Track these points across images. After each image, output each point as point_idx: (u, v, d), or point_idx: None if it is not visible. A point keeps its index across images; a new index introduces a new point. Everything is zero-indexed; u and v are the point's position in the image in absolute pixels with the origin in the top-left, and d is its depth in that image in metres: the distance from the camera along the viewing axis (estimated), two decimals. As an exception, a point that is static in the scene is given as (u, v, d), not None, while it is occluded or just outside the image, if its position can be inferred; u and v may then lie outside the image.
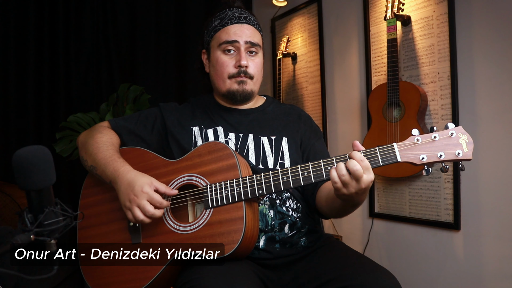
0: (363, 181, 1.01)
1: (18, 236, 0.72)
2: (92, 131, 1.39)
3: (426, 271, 2.15)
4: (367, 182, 1.02)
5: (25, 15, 2.84)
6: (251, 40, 1.35)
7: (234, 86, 1.36)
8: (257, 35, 1.39)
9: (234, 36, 1.34)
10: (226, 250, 1.11)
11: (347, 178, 1.01)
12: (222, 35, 1.36)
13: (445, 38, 2.02)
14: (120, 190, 1.21)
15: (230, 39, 1.34)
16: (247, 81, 1.36)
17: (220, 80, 1.37)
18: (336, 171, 1.02)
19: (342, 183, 1.02)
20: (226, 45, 1.34)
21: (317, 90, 2.82)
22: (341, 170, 1.01)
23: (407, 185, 2.23)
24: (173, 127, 1.40)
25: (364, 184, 1.01)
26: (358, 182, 1.01)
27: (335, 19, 2.70)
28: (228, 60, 1.35)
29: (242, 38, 1.34)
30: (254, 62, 1.37)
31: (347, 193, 1.03)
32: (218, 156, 1.20)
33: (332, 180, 1.03)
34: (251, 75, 1.36)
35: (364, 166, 1.01)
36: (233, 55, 1.35)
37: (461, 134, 1.01)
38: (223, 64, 1.35)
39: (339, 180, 1.02)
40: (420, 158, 1.02)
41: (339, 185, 1.02)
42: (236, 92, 1.36)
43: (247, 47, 1.35)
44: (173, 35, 3.25)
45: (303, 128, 1.41)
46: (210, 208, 1.17)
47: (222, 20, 1.37)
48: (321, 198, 1.27)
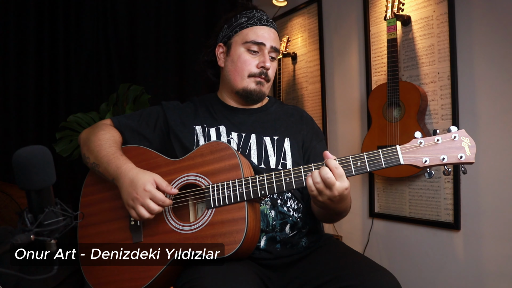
0: (336, 188, 1.03)
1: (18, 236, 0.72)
2: (95, 129, 1.39)
3: (426, 271, 2.15)
4: (341, 189, 1.04)
5: (25, 15, 2.84)
6: (276, 46, 1.39)
7: (251, 85, 1.37)
8: (279, 42, 1.44)
9: (262, 39, 1.36)
10: (227, 250, 1.11)
11: (321, 186, 1.03)
12: (249, 34, 1.37)
13: (445, 38, 2.02)
14: (122, 188, 1.21)
15: (258, 40, 1.36)
16: (265, 83, 1.39)
17: (238, 76, 1.38)
18: (312, 179, 1.04)
19: (317, 191, 1.04)
20: (253, 45, 1.36)
21: (317, 90, 2.82)
22: (316, 177, 1.03)
23: (407, 185, 2.23)
24: (175, 125, 1.40)
25: (337, 192, 1.03)
26: (331, 189, 1.03)
27: (335, 19, 2.70)
28: (251, 59, 1.37)
29: (269, 42, 1.37)
30: (272, 67, 1.41)
31: (322, 200, 1.06)
32: (221, 156, 1.20)
33: (308, 188, 1.06)
34: (269, 78, 1.40)
35: (338, 174, 1.03)
36: (256, 56, 1.38)
37: (464, 138, 1.01)
38: (246, 61, 1.37)
39: (314, 188, 1.04)
40: (423, 161, 1.02)
41: (315, 192, 1.05)
42: (254, 91, 1.38)
43: (270, 52, 1.38)
44: (173, 35, 3.25)
45: (305, 129, 1.42)
46: (212, 208, 1.17)
47: (250, 19, 1.39)
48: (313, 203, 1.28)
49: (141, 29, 3.16)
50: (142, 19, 3.17)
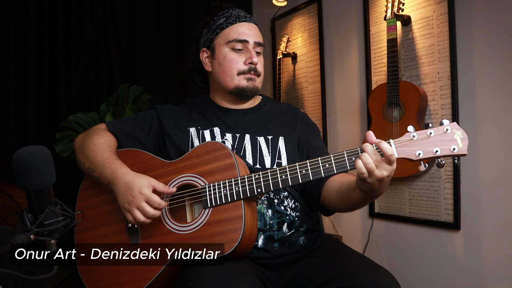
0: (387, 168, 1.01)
1: (18, 236, 0.72)
2: (89, 134, 1.39)
3: (426, 271, 2.15)
4: (391, 169, 1.02)
5: (25, 15, 2.84)
6: (259, 40, 1.40)
7: (243, 83, 1.37)
8: (261, 36, 1.43)
9: (244, 36, 1.37)
10: (225, 249, 1.11)
11: (372, 166, 1.00)
12: (231, 33, 1.37)
13: (445, 38, 2.02)
14: (118, 192, 1.21)
15: (240, 37, 1.36)
16: (256, 78, 1.39)
17: (227, 76, 1.38)
18: (361, 160, 1.01)
19: (368, 172, 1.01)
20: (236, 43, 1.36)
21: (317, 90, 2.82)
22: (366, 158, 1.01)
23: (407, 185, 2.23)
24: (170, 128, 1.40)
25: (387, 172, 1.01)
26: (380, 169, 1.01)
27: (335, 19, 2.70)
28: (238, 57, 1.37)
29: (252, 38, 1.37)
30: (260, 61, 1.41)
31: (370, 181, 1.02)
32: (216, 156, 1.20)
33: (359, 170, 1.01)
34: (259, 72, 1.40)
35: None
36: (241, 53, 1.38)
37: (456, 130, 1.03)
38: (233, 60, 1.37)
39: (365, 169, 1.00)
40: (416, 154, 1.03)
41: (365, 174, 1.01)
42: (246, 88, 1.37)
43: (255, 47, 1.38)
44: (173, 35, 3.25)
45: (299, 126, 1.41)
46: (209, 207, 1.17)
47: (228, 18, 1.39)
48: (331, 192, 1.25)
49: (141, 29, 3.16)
50: (142, 19, 3.17)
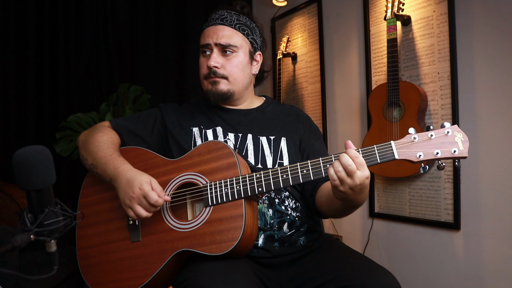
0: (357, 177, 1.02)
1: (18, 236, 0.72)
2: (93, 131, 1.40)
3: (426, 271, 2.15)
4: (362, 178, 1.02)
5: (25, 14, 2.84)
6: (220, 42, 1.33)
7: (208, 87, 1.37)
8: (235, 36, 1.35)
9: (205, 40, 1.37)
10: (225, 247, 1.11)
11: (343, 175, 1.02)
12: (201, 39, 1.39)
13: (445, 38, 2.02)
14: (119, 188, 1.22)
15: (204, 42, 1.37)
16: (219, 81, 1.35)
17: (200, 81, 1.41)
18: (333, 168, 1.03)
19: (339, 180, 1.03)
20: (202, 48, 1.38)
21: (317, 90, 2.82)
22: (337, 166, 1.03)
23: (407, 185, 2.23)
24: (173, 127, 1.41)
25: (358, 180, 1.02)
26: (352, 178, 1.02)
27: (335, 19, 2.70)
28: (203, 62, 1.38)
29: (213, 40, 1.35)
30: (230, 62, 1.35)
31: (343, 190, 1.04)
32: (218, 155, 1.21)
33: (330, 177, 1.04)
34: (223, 75, 1.35)
35: (359, 163, 1.02)
36: (208, 57, 1.37)
37: (457, 133, 1.03)
38: (200, 65, 1.40)
39: (336, 177, 1.03)
40: (417, 155, 1.04)
41: (337, 182, 1.03)
42: (210, 92, 1.37)
43: (219, 49, 1.35)
44: (173, 35, 3.25)
45: (302, 128, 1.41)
46: (210, 206, 1.18)
47: (206, 23, 1.41)
48: (321, 198, 1.27)
49: (141, 29, 3.16)
50: (142, 19, 3.17)
